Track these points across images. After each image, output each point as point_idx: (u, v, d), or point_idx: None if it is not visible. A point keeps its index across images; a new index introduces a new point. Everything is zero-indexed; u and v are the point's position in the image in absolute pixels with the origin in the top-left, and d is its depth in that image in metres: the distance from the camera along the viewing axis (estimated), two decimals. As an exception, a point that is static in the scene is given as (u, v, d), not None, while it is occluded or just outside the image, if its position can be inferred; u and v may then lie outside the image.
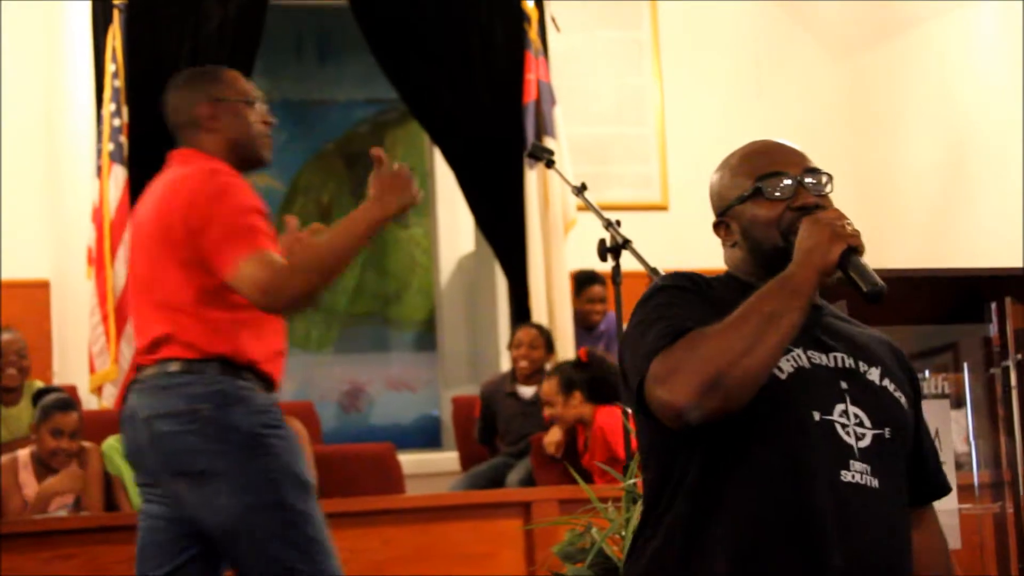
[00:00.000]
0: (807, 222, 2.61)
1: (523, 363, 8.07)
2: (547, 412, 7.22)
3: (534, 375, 7.99)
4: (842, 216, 2.64)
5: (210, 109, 4.21)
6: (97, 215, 8.23)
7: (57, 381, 8.41)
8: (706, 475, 2.56)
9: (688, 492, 2.57)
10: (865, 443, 2.59)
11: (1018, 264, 7.27)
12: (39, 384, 7.47)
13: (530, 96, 9.03)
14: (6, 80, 8.95)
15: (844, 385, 2.62)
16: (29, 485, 6.37)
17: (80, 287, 8.41)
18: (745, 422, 2.51)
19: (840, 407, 2.60)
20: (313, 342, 10.46)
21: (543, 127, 8.98)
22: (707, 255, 10.44)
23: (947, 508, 3.55)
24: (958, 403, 3.72)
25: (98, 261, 8.16)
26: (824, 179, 2.76)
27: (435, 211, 10.25)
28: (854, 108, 10.55)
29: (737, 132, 10.97)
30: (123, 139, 8.27)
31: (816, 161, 2.78)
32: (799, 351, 2.61)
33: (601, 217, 4.45)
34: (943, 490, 2.87)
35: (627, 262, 4.58)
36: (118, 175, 8.21)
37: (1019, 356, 3.67)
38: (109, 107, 8.29)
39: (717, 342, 2.47)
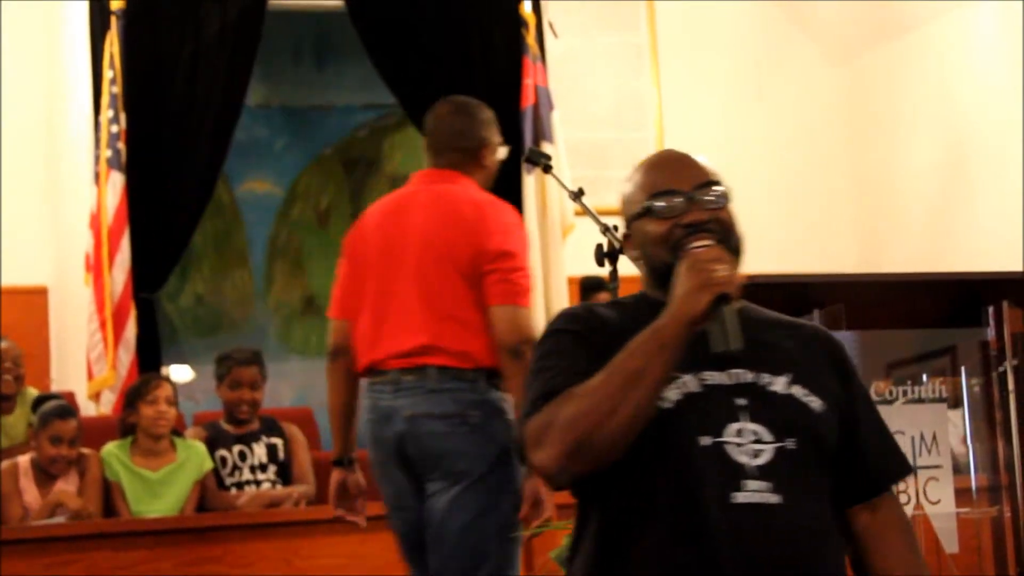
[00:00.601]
0: (683, 265, 2.55)
1: None
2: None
3: None
4: (720, 257, 2.55)
5: (488, 149, 4.72)
6: (95, 221, 8.22)
7: (55, 387, 8.40)
8: (608, 510, 2.57)
9: (596, 526, 2.59)
10: (764, 459, 2.53)
11: (1018, 266, 7.29)
12: (34, 391, 7.46)
13: (528, 101, 9.03)
14: (5, 86, 8.95)
15: (742, 402, 2.58)
16: (29, 491, 6.35)
17: (78, 293, 8.42)
18: (635, 455, 2.50)
19: (735, 426, 2.55)
20: (312, 347, 10.45)
21: (541, 132, 8.97)
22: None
23: (945, 512, 3.55)
24: (955, 407, 3.72)
25: (96, 267, 8.16)
26: (719, 193, 2.72)
27: (434, 216, 10.24)
28: (853, 110, 10.55)
29: (737, 135, 11.02)
30: (121, 145, 8.27)
31: (814, 163, 2.77)
32: (689, 376, 2.57)
33: (598, 222, 4.44)
34: (897, 474, 2.79)
35: (625, 267, 4.58)
36: (116, 181, 8.21)
37: (1016, 360, 3.67)
38: (107, 113, 8.29)
39: (580, 405, 2.47)
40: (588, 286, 8.84)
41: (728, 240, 2.67)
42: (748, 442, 2.53)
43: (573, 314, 2.70)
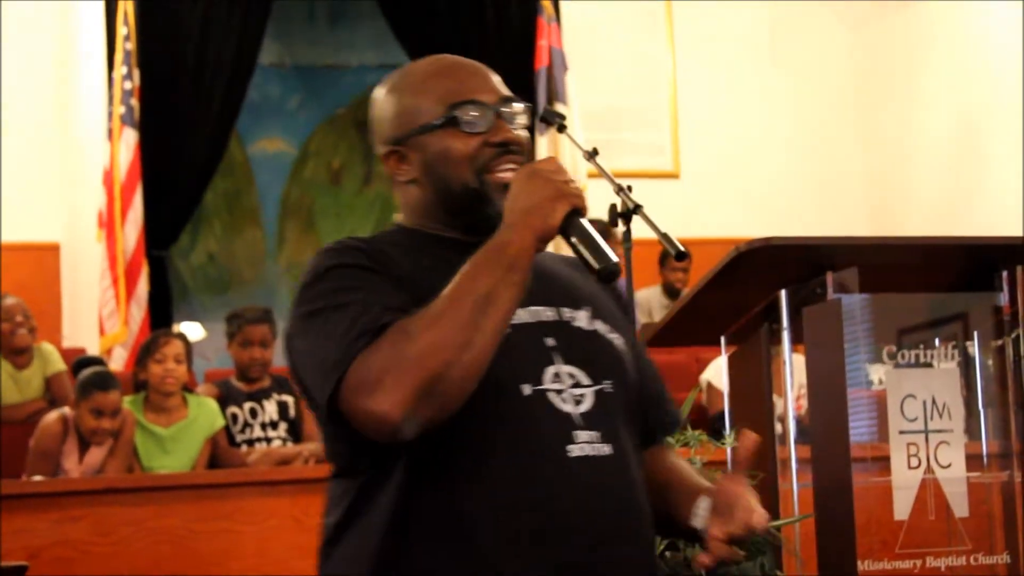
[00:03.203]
0: (523, 175, 2.18)
1: None
2: None
3: None
4: (562, 168, 2.20)
5: None
6: (108, 178, 8.23)
7: (67, 344, 8.43)
8: (426, 465, 2.18)
9: (404, 482, 2.19)
10: (587, 406, 2.23)
11: (1030, 233, 7.27)
12: (50, 347, 7.47)
13: (542, 62, 9.02)
14: (18, 43, 8.94)
15: (550, 342, 2.25)
16: (71, 456, 6.27)
17: (90, 250, 8.43)
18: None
19: (551, 370, 2.23)
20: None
21: (555, 93, 8.97)
22: (719, 224, 10.46)
23: (956, 476, 3.55)
24: (967, 372, 3.72)
25: (108, 224, 8.17)
26: (525, 109, 2.34)
27: (446, 176, 10.24)
28: (867, 75, 10.52)
29: (750, 100, 10.97)
30: (134, 102, 8.27)
31: (827, 128, 2.68)
32: None
33: (612, 182, 4.42)
34: (674, 424, 2.53)
35: (639, 229, 4.57)
36: (129, 138, 8.22)
37: (1029, 325, 3.66)
38: (120, 70, 8.29)
39: (429, 337, 2.07)
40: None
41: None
42: (567, 387, 2.23)
43: (351, 247, 2.26)
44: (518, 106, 2.33)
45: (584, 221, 2.18)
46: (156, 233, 8.37)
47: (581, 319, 2.31)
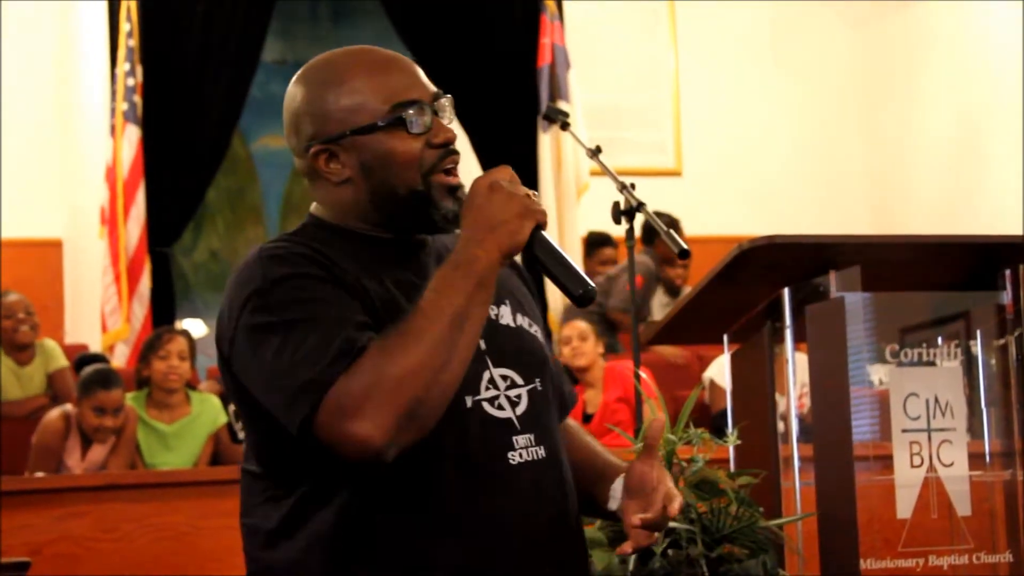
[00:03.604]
0: (483, 188, 2.13)
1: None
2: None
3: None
4: (516, 178, 2.16)
5: None
6: (110, 175, 8.24)
7: (69, 340, 8.43)
8: (366, 495, 2.14)
9: (347, 500, 2.15)
10: (523, 407, 2.23)
11: (1032, 233, 7.27)
12: (52, 343, 7.47)
13: (544, 60, 9.02)
14: (20, 39, 8.95)
15: (482, 345, 2.19)
16: (73, 453, 6.28)
17: (93, 246, 8.43)
18: None
19: (485, 376, 2.21)
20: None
21: (557, 91, 8.98)
22: (720, 222, 10.46)
23: (958, 475, 3.55)
24: (970, 371, 3.72)
25: (111, 221, 8.18)
26: (449, 102, 2.29)
27: (448, 175, 10.24)
28: (869, 74, 10.53)
29: (751, 99, 10.97)
30: (137, 98, 8.28)
31: (829, 126, 2.64)
32: None
33: (616, 180, 4.44)
34: (573, 399, 2.51)
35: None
36: (132, 134, 8.23)
37: (1031, 324, 3.66)
38: (123, 66, 8.30)
39: (409, 360, 2.02)
40: (593, 242, 8.86)
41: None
42: (503, 391, 2.22)
43: (300, 254, 2.15)
44: (445, 100, 2.27)
45: (549, 237, 2.15)
46: (159, 230, 8.37)
47: (505, 315, 2.29)
